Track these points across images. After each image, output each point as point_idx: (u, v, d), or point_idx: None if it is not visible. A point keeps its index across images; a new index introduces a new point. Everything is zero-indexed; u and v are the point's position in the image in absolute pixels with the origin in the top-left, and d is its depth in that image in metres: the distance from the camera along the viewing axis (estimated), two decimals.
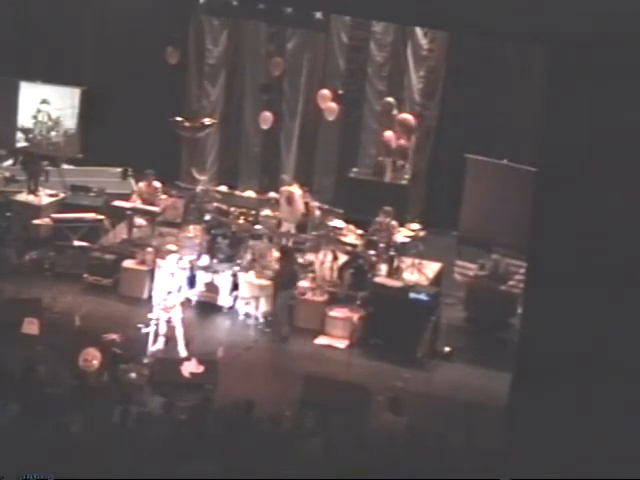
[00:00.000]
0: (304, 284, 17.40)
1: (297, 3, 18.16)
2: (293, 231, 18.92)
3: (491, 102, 19.86)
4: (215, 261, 17.75)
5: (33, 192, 19.84)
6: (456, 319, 17.58)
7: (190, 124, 20.40)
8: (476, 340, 17.12)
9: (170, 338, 15.87)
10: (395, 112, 20.03)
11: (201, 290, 17.50)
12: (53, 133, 20.77)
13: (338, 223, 18.64)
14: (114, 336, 15.73)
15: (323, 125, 21.06)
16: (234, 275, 17.47)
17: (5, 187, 20.33)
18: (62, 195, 19.87)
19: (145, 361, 15.35)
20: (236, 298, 17.42)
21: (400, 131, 19.82)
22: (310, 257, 18.22)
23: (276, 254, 17.53)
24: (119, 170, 20.87)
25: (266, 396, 14.30)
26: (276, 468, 11.08)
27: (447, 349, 16.61)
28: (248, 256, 17.81)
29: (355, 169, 20.50)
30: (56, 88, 20.78)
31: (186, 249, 17.86)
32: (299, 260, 17.97)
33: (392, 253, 17.67)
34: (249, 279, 17.41)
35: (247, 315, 17.22)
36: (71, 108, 20.66)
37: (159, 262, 17.19)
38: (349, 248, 17.96)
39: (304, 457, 11.51)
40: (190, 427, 11.90)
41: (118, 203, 19.27)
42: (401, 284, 17.00)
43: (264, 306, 17.13)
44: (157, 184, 19.28)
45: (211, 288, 17.48)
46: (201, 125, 20.63)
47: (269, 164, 21.91)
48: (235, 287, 17.46)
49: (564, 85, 12.73)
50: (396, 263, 17.68)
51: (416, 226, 18.46)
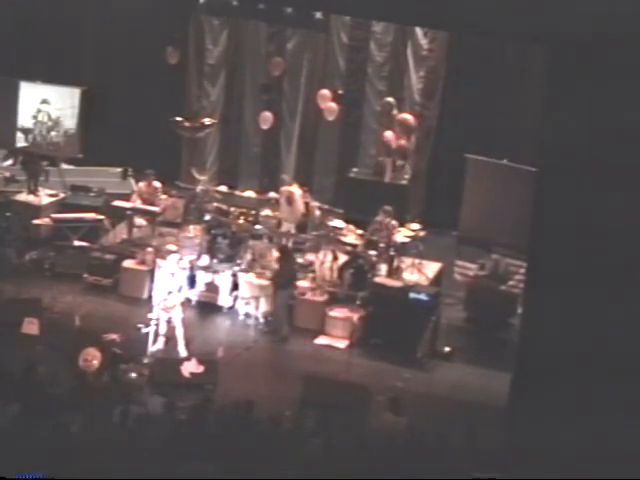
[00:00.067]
0: (304, 284, 17.42)
1: (297, 3, 18.15)
2: (293, 231, 18.91)
3: (491, 102, 19.86)
4: (215, 261, 17.75)
5: (33, 192, 19.85)
6: (456, 319, 17.58)
7: (190, 124, 20.37)
8: (476, 340, 17.12)
9: (170, 338, 15.88)
10: (395, 112, 20.02)
11: (201, 290, 17.50)
12: (53, 133, 20.72)
13: (338, 223, 18.63)
14: (114, 336, 15.74)
15: (323, 125, 21.05)
16: (234, 275, 17.48)
17: (5, 187, 20.34)
18: (62, 195, 19.88)
19: (145, 361, 15.36)
20: (236, 298, 17.42)
21: (400, 131, 19.81)
22: (310, 257, 18.22)
23: (276, 254, 17.53)
24: (119, 170, 20.87)
25: (266, 396, 14.31)
26: (276, 468, 11.08)
27: (447, 349, 16.61)
28: (248, 256, 17.82)
29: (355, 169, 20.48)
30: (56, 88, 20.73)
31: (186, 249, 17.87)
32: (299, 260, 17.98)
33: (392, 253, 17.66)
34: (249, 279, 17.42)
35: (247, 315, 17.22)
36: (71, 108, 20.61)
37: (159, 262, 17.20)
38: (349, 248, 17.96)
39: (304, 457, 11.51)
40: (190, 427, 11.91)
41: (118, 203, 19.28)
42: (401, 284, 17.00)
43: (264, 306, 17.14)
44: (157, 184, 19.28)
45: (211, 288, 17.48)
46: (201, 125, 20.61)
47: (269, 164, 21.91)
48: (235, 287, 17.47)
49: (564, 85, 12.71)
50: (396, 263, 17.68)
51: (416, 226, 18.45)
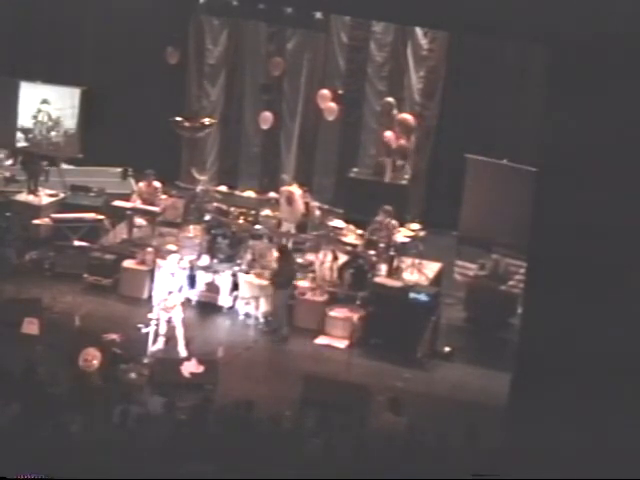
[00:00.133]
0: (304, 284, 17.42)
1: (297, 3, 18.14)
2: (293, 231, 18.90)
3: (491, 102, 19.86)
4: (215, 261, 17.75)
5: (33, 192, 19.85)
6: (456, 319, 17.58)
7: (190, 124, 20.36)
8: (476, 340, 17.12)
9: (170, 338, 15.88)
10: (395, 112, 20.01)
11: (201, 290, 17.50)
12: (53, 133, 20.70)
13: (338, 223, 18.63)
14: (114, 336, 15.75)
15: (323, 125, 21.05)
16: (234, 275, 17.48)
17: (5, 187, 20.34)
18: (62, 195, 19.88)
19: (145, 361, 15.37)
20: (236, 298, 17.42)
21: (400, 131, 19.80)
22: (310, 257, 18.22)
23: (275, 254, 17.53)
24: (119, 170, 20.87)
25: (266, 396, 14.32)
26: (276, 468, 11.08)
27: (447, 349, 16.61)
28: (248, 256, 17.82)
29: (355, 169, 20.48)
30: (56, 88, 20.71)
31: (186, 249, 17.87)
32: (299, 260, 17.98)
33: (392, 253, 17.67)
34: (249, 279, 17.42)
35: (247, 315, 17.22)
36: (71, 108, 20.59)
37: (159, 262, 17.21)
38: (349, 248, 17.96)
39: (304, 457, 11.51)
40: (190, 427, 11.90)
41: (118, 203, 19.28)
42: (401, 284, 17.00)
43: (264, 306, 17.14)
44: (157, 184, 19.28)
45: (211, 288, 17.48)
46: (201, 125, 20.60)
47: (269, 164, 21.90)
48: (235, 287, 17.47)
49: (564, 85, 12.70)
50: (396, 263, 17.68)
51: (416, 226, 18.45)
